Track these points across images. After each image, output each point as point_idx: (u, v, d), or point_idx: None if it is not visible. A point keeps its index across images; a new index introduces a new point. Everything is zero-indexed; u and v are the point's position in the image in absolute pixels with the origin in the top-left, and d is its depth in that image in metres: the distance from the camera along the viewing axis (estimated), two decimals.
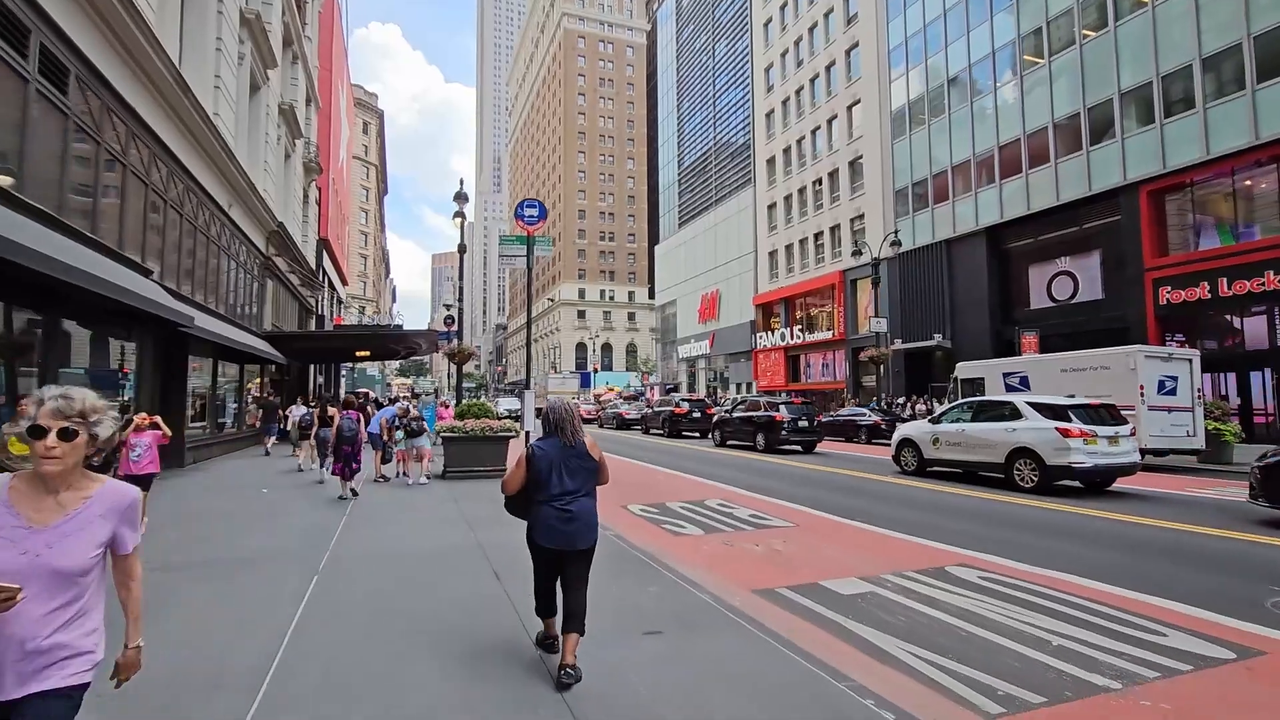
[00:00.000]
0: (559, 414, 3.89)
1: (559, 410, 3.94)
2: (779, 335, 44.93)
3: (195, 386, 14.81)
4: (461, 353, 19.71)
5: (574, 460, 3.78)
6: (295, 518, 8.35)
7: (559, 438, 3.81)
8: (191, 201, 14.23)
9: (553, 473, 3.72)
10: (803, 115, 43.87)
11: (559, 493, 3.70)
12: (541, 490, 3.72)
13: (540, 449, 3.80)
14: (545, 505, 3.69)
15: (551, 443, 3.82)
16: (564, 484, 3.71)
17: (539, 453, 3.78)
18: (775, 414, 18.44)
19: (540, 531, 3.70)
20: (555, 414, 3.90)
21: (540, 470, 3.73)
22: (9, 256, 6.21)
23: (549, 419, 3.89)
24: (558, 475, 3.72)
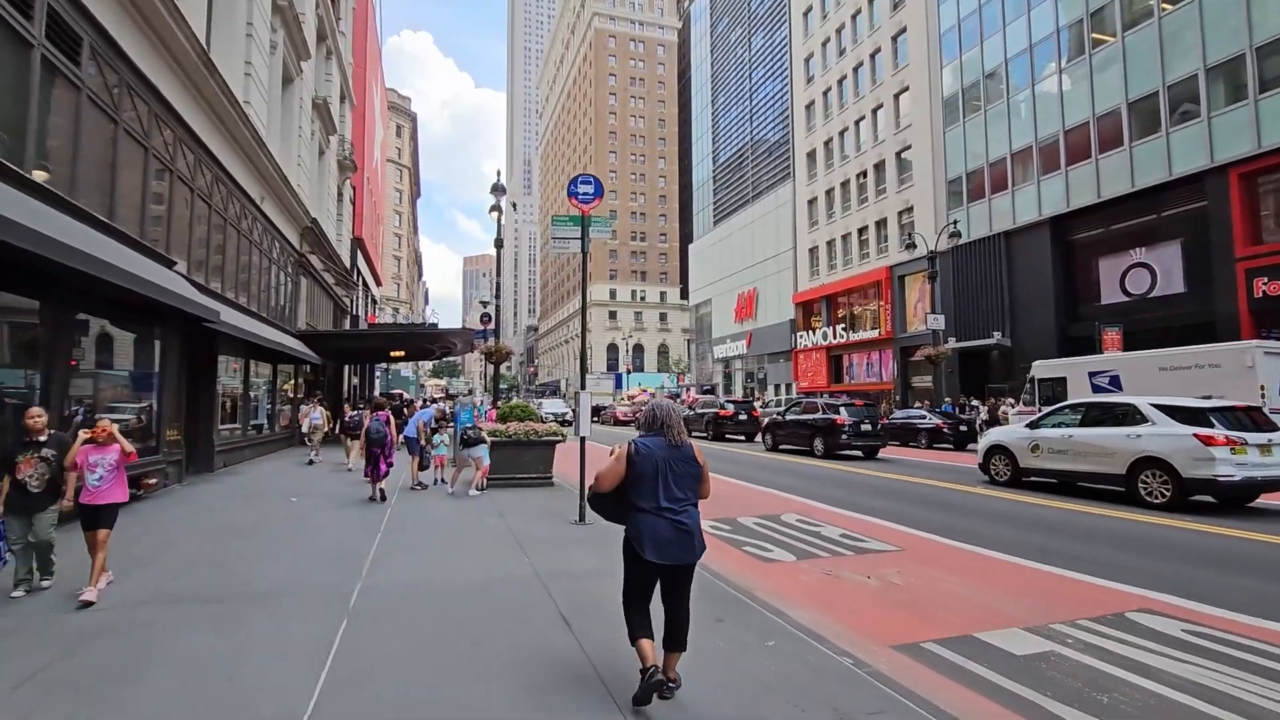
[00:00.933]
0: (664, 412, 3.56)
1: (664, 408, 3.59)
2: (820, 334, 43.28)
3: (226, 387, 14.10)
4: (499, 352, 18.79)
5: (681, 465, 3.46)
6: (323, 534, 7.38)
7: (664, 437, 3.49)
8: (221, 192, 13.51)
9: (658, 477, 3.39)
10: (845, 106, 42.21)
11: (668, 502, 3.37)
12: (645, 496, 3.39)
13: (645, 447, 3.45)
14: (653, 515, 3.35)
15: (656, 442, 3.48)
16: (672, 491, 3.40)
17: (644, 450, 3.43)
18: (835, 417, 17.08)
19: (649, 545, 3.31)
20: (660, 411, 3.57)
21: (644, 472, 3.40)
22: (6, 238, 5.34)
23: (653, 416, 3.57)
24: (664, 481, 3.39)
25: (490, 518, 8.46)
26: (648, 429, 3.58)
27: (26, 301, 6.92)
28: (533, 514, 8.75)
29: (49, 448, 5.00)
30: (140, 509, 8.77)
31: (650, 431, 3.56)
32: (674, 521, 3.34)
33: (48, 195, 6.93)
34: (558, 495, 10.53)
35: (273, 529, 7.60)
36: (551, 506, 9.38)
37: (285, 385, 19.60)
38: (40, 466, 4.93)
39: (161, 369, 10.23)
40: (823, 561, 6.60)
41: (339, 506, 9.32)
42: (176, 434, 10.93)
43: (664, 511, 3.34)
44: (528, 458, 11.49)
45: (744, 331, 54.41)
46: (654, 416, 3.56)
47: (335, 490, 10.91)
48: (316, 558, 6.26)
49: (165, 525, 7.72)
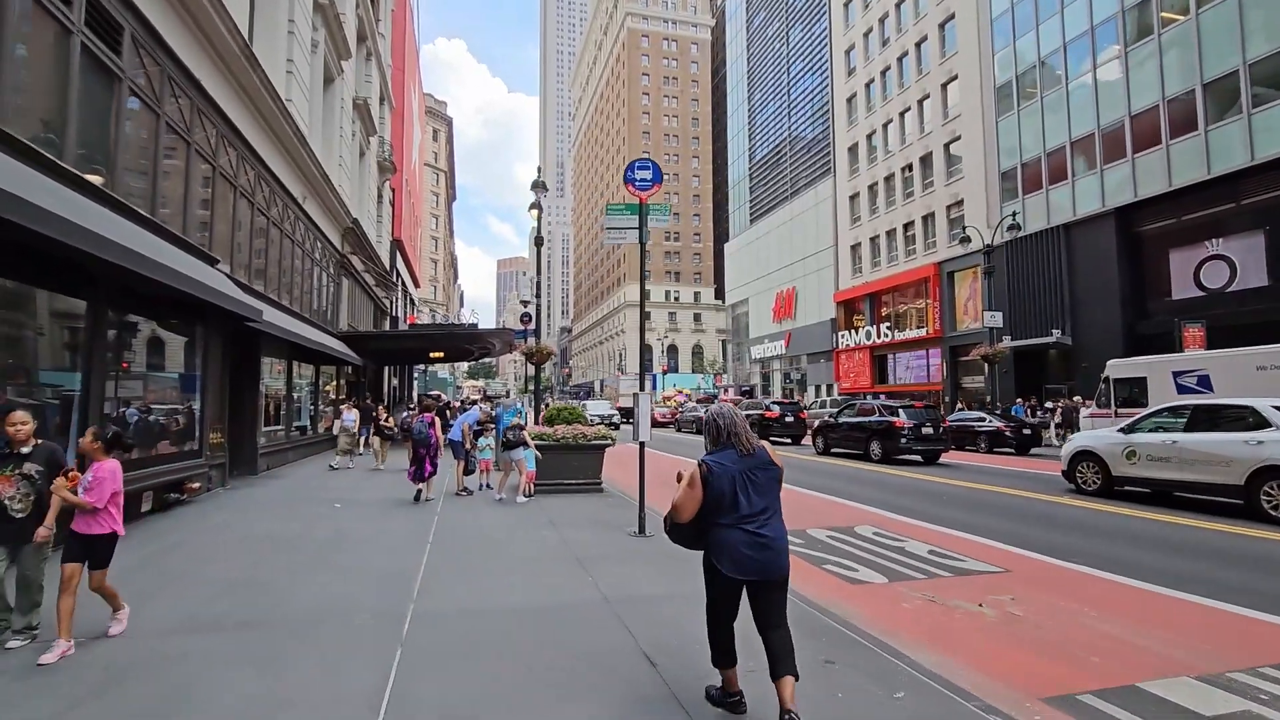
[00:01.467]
0: (728, 419, 3.31)
1: (727, 416, 3.33)
2: (864, 334, 41.97)
3: (269, 388, 13.90)
4: (540, 352, 18.35)
5: (759, 472, 3.23)
6: (369, 546, 6.91)
7: (734, 448, 3.25)
8: (264, 190, 13.31)
9: (737, 491, 3.15)
10: (889, 98, 40.88)
11: (749, 513, 3.13)
12: (725, 512, 3.15)
13: (718, 465, 3.20)
14: (733, 529, 3.13)
15: (728, 455, 3.24)
16: (753, 502, 3.15)
17: (717, 469, 3.18)
18: (894, 419, 16.15)
19: (729, 560, 3.10)
20: (724, 420, 3.32)
21: (722, 490, 3.15)
22: (41, 229, 4.98)
23: (716, 427, 3.31)
24: (744, 493, 3.15)
25: (542, 528, 7.91)
26: (714, 443, 3.31)
27: (67, 301, 6.60)
28: (586, 524, 8.18)
29: (34, 461, 4.03)
30: (183, 514, 8.47)
31: (718, 446, 3.29)
32: (752, 533, 3.10)
33: (86, 187, 6.60)
34: (609, 503, 9.95)
35: (316, 540, 7.16)
36: (605, 515, 8.80)
37: (328, 386, 19.49)
38: (23, 485, 3.96)
39: (204, 370, 9.96)
40: (920, 584, 5.86)
41: (383, 513, 8.89)
42: (220, 436, 10.68)
43: (744, 523, 3.12)
44: (576, 462, 10.95)
45: (782, 331, 53.25)
46: (718, 428, 3.29)
47: (378, 495, 10.52)
48: (363, 575, 5.77)
49: (205, 533, 7.36)
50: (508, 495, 10.15)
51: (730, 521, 3.12)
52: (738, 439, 3.25)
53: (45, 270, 6.19)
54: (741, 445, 3.24)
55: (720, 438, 3.28)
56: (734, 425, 3.28)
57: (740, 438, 3.26)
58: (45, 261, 6.09)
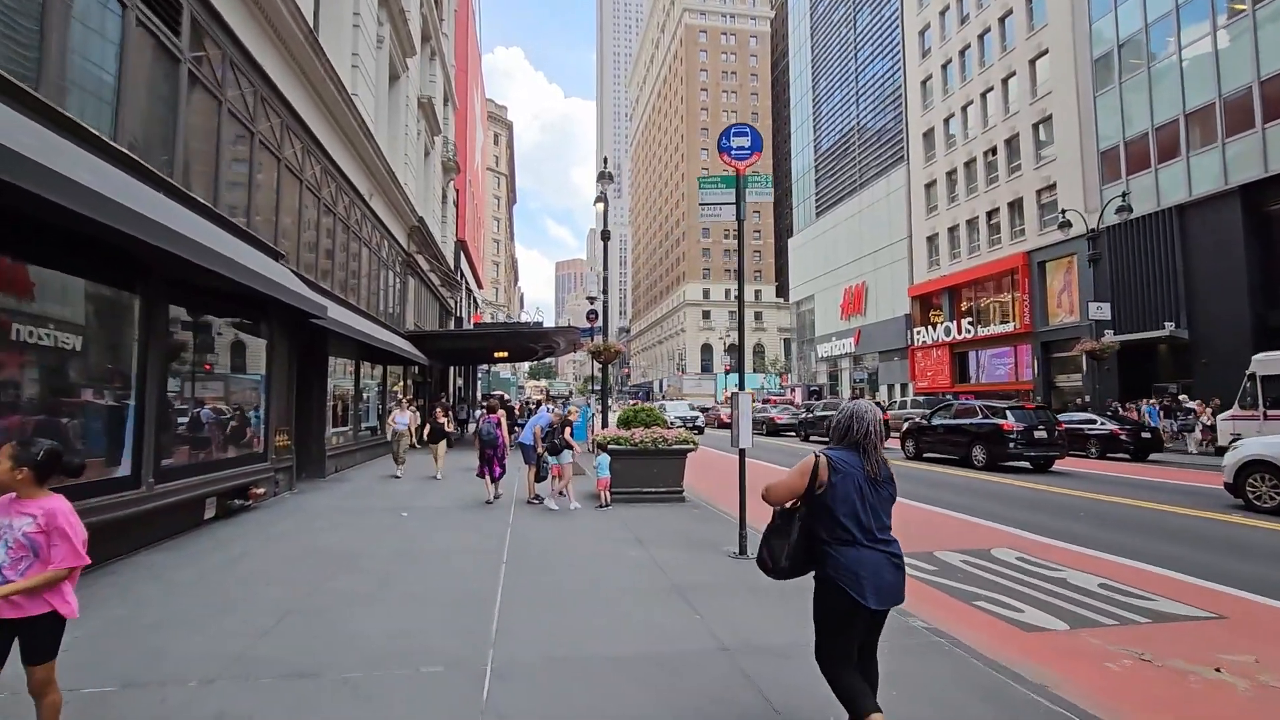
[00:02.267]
0: (864, 423, 2.76)
1: (866, 419, 2.78)
2: (942, 330, 39.52)
3: (336, 388, 13.59)
4: (608, 350, 17.56)
5: (886, 488, 2.76)
6: (438, 565, 6.16)
7: (859, 455, 2.73)
8: (330, 185, 12.99)
9: (859, 501, 2.66)
10: (968, 79, 38.36)
11: (876, 528, 2.68)
12: (839, 524, 2.66)
13: (843, 463, 2.70)
14: (869, 549, 2.65)
15: (853, 458, 2.73)
16: (879, 518, 2.71)
17: (841, 467, 2.69)
18: (1002, 422, 14.52)
19: (873, 586, 2.59)
20: (861, 422, 2.77)
21: (845, 494, 2.66)
22: (83, 209, 4.43)
23: (847, 427, 2.79)
24: (865, 506, 2.68)
25: (628, 546, 7.01)
26: (840, 439, 2.83)
27: (116, 294, 6.12)
28: (677, 542, 7.23)
29: None
30: (247, 522, 8.00)
31: (843, 444, 2.81)
32: (891, 554, 2.71)
33: (139, 169, 6.12)
34: (696, 515, 8.98)
35: (381, 556, 6.47)
36: (695, 531, 7.83)
37: (395, 386, 19.29)
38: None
39: (269, 369, 9.55)
40: (1113, 634, 4.63)
41: (451, 523, 8.19)
42: (286, 439, 10.29)
43: (877, 542, 2.69)
44: (656, 469, 10.02)
45: (851, 329, 50.99)
46: (848, 426, 2.80)
47: (444, 501, 9.88)
48: (433, 603, 4.99)
49: (265, 547, 6.79)
50: (577, 503, 9.35)
51: (860, 538, 2.67)
52: (867, 454, 2.74)
53: (93, 261, 5.70)
54: (870, 461, 2.73)
55: (847, 437, 2.79)
56: (869, 434, 2.75)
57: (871, 453, 2.75)
58: (93, 250, 5.59)
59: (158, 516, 6.47)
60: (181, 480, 6.83)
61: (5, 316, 4.86)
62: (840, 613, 2.67)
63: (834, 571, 2.66)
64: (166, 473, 6.58)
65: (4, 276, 4.87)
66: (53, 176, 4.23)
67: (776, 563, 2.90)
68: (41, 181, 4.16)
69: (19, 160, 4.02)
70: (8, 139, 3.98)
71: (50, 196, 4.20)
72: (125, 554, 6.09)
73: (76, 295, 5.63)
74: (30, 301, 5.10)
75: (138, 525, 6.18)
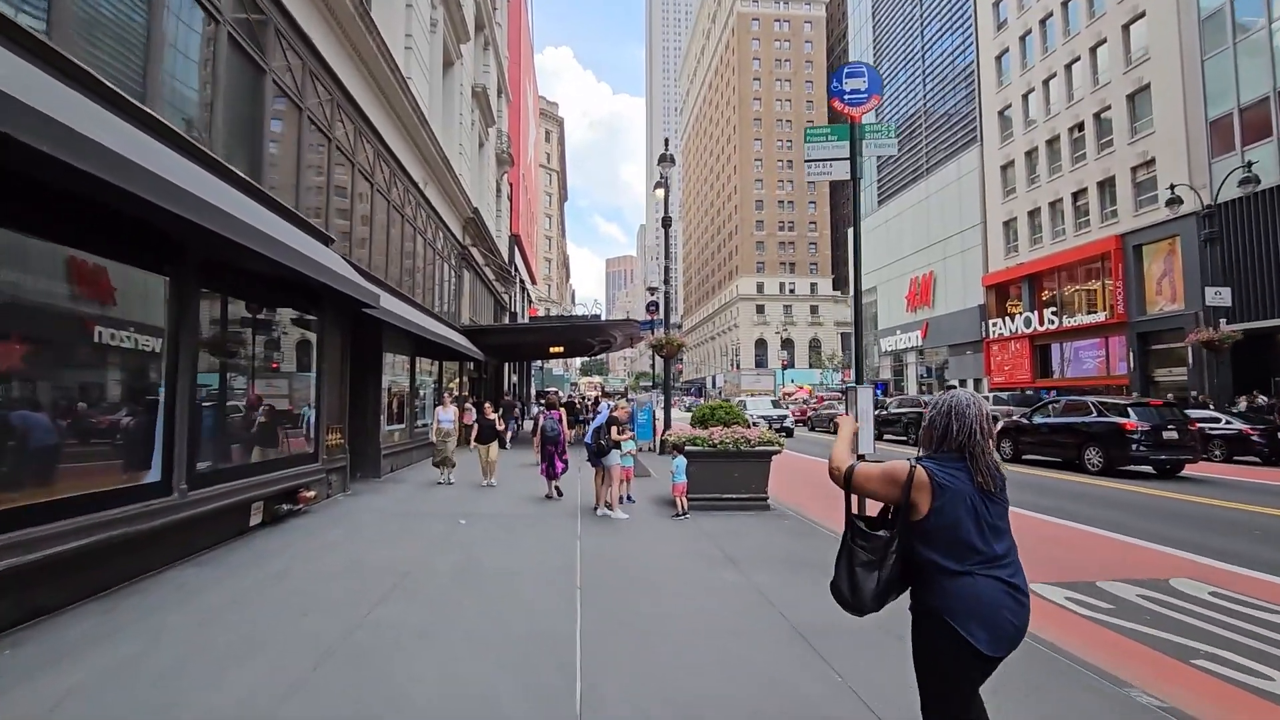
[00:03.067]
0: (969, 416, 2.14)
1: (968, 409, 2.15)
2: (1022, 320, 36.87)
3: (392, 385, 13.00)
4: (670, 344, 16.57)
5: (1001, 500, 2.12)
6: (502, 591, 5.25)
7: (966, 462, 2.11)
8: (384, 171, 12.37)
9: (971, 523, 2.06)
10: (1050, 50, 35.58)
11: (996, 555, 2.06)
12: (949, 553, 2.06)
13: (948, 477, 2.09)
14: (985, 578, 2.04)
15: (959, 468, 2.11)
16: (995, 539, 2.08)
17: (947, 482, 2.08)
18: (1122, 420, 12.78)
19: (988, 628, 2.00)
20: (963, 414, 2.14)
21: (953, 518, 2.06)
22: (98, 171, 3.68)
23: (947, 426, 2.15)
24: (979, 527, 2.07)
25: (719, 567, 5.96)
26: (937, 444, 2.17)
27: (144, 275, 5.42)
28: (777, 563, 6.13)
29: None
30: (295, 529, 7.31)
31: (942, 450, 2.15)
32: (1012, 586, 2.05)
33: (172, 137, 5.41)
34: (787, 527, 7.86)
35: (437, 576, 5.61)
36: (794, 550, 6.72)
37: (451, 383, 18.76)
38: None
39: (319, 363, 8.89)
40: None
41: (514, 533, 7.31)
42: (339, 437, 9.66)
43: (994, 569, 2.04)
44: (737, 473, 8.93)
45: (918, 321, 48.47)
46: (946, 427, 2.14)
47: (505, 506, 9.05)
48: (499, 645, 4.06)
49: (309, 561, 6.02)
50: (616, 512, 8.39)
51: (976, 567, 2.06)
52: (975, 460, 2.11)
53: (112, 235, 5.00)
54: (981, 469, 2.10)
55: (946, 444, 2.16)
56: (974, 435, 2.13)
57: (981, 459, 2.12)
58: (113, 224, 4.89)
59: (193, 526, 5.79)
60: (220, 485, 6.14)
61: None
62: (953, 661, 2.07)
63: (941, 602, 2.08)
64: (202, 478, 5.90)
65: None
66: (54, 127, 3.48)
67: (861, 602, 2.25)
68: (41, 133, 3.41)
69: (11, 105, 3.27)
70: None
71: (49, 150, 3.45)
72: (157, 568, 5.42)
73: (89, 274, 4.93)
74: (31, 277, 4.40)
75: (170, 536, 5.50)
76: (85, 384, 4.85)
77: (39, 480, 4.36)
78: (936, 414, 2.22)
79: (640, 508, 9.08)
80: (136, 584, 5.11)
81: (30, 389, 4.39)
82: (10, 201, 4.12)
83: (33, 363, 4.40)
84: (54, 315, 4.53)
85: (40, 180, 4.04)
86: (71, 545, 4.39)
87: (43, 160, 3.48)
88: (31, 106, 3.32)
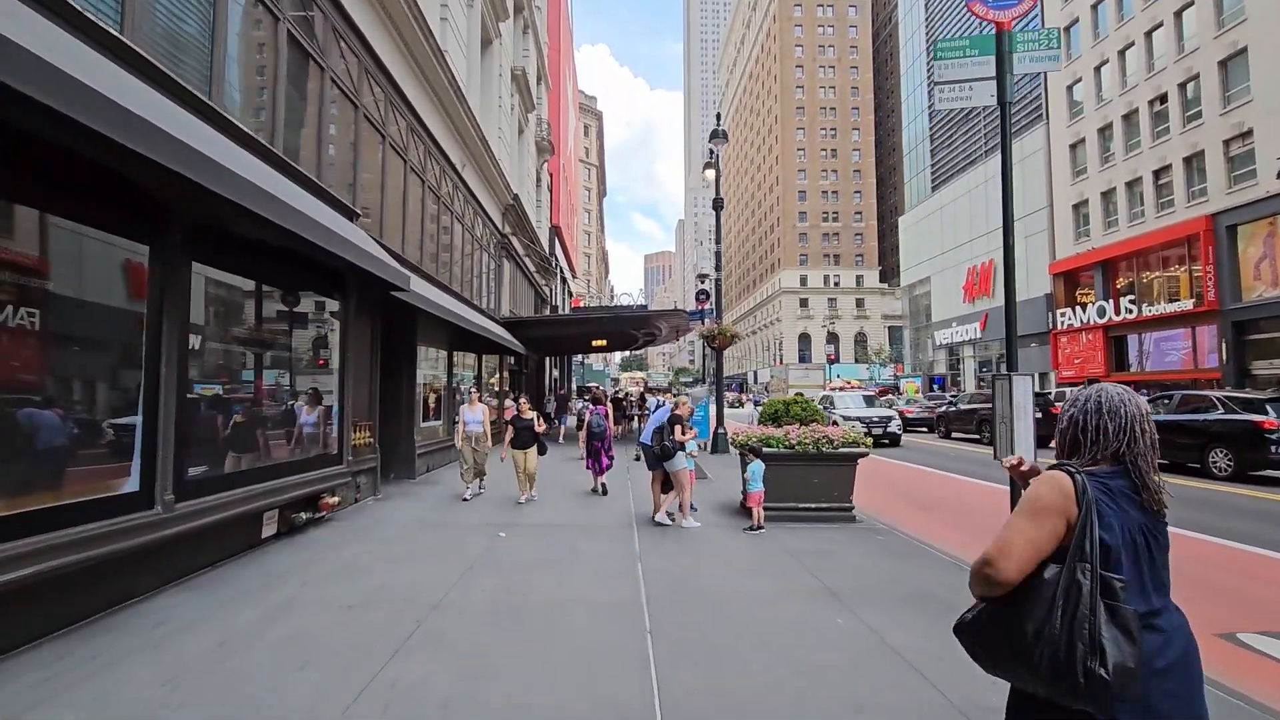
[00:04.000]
0: (1126, 415, 1.61)
1: (1121, 407, 1.62)
2: (1095, 310, 34.28)
3: (428, 378, 12.11)
4: (723, 335, 15.32)
5: (1164, 536, 1.57)
6: (549, 637, 4.14)
7: (1125, 477, 1.57)
8: (418, 148, 11.45)
9: (1131, 560, 1.52)
10: (1127, 17, 32.89)
11: (1156, 609, 1.52)
12: (1106, 594, 1.47)
13: (1108, 493, 1.55)
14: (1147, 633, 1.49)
15: (1118, 483, 1.56)
16: (1159, 580, 1.54)
17: (1103, 507, 1.53)
18: (1259, 418, 11.00)
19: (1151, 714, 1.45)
20: (1116, 412, 1.62)
21: (1114, 549, 1.51)
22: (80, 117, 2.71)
23: (1098, 427, 1.62)
24: (1143, 562, 1.53)
25: (822, 603, 4.73)
26: (1088, 452, 1.63)
27: (117, 241, 4.47)
28: (888, 595, 4.88)
29: None
30: (312, 542, 6.35)
31: (1088, 456, 1.63)
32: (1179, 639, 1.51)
33: (163, 82, 4.46)
34: (884, 545, 6.57)
35: (470, 612, 4.53)
36: (901, 575, 5.45)
37: (491, 379, 17.90)
38: None
39: (343, 352, 7.94)
40: None
41: (562, 551, 6.20)
42: (368, 435, 8.74)
43: (1159, 619, 1.51)
44: (817, 479, 7.67)
45: (976, 312, 45.89)
46: (1098, 429, 1.62)
47: (548, 514, 7.98)
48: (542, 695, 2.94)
49: (321, 588, 5.01)
50: (681, 520, 7.19)
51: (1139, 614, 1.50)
52: (1137, 474, 1.55)
53: (78, 192, 4.05)
54: (1144, 486, 1.54)
55: (1097, 451, 1.60)
56: (1137, 439, 1.57)
57: (1144, 474, 1.55)
58: (84, 178, 3.95)
59: (185, 544, 4.86)
60: (219, 494, 5.20)
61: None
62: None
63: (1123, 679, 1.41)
64: (196, 486, 4.95)
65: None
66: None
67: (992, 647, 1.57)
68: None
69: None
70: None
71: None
72: (139, 596, 4.50)
73: (46, 237, 3.99)
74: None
75: (155, 557, 4.57)
76: (42, 373, 3.92)
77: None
78: (1080, 413, 1.69)
79: (703, 517, 7.91)
80: (108, 618, 4.18)
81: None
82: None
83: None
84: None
85: None
86: (13, 575, 3.46)
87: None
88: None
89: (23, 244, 3.80)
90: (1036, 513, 1.53)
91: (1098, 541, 1.48)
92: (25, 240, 3.83)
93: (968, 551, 6.27)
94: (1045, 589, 1.48)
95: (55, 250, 3.99)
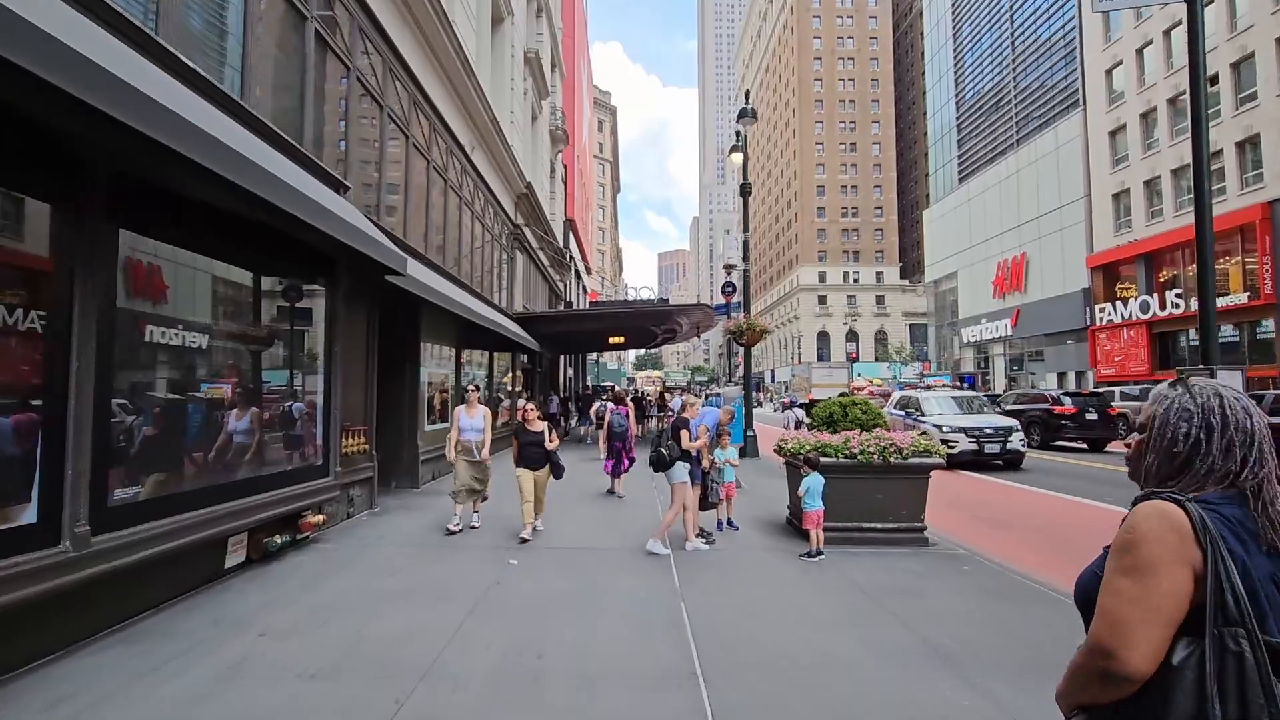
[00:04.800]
0: (1247, 425, 1.19)
1: (1234, 415, 1.19)
2: (1137, 305, 32.65)
3: (434, 377, 11.09)
4: (752, 330, 14.17)
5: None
6: (567, 705, 3.05)
7: (1247, 505, 1.16)
8: (422, 124, 10.42)
9: (1263, 602, 1.10)
10: None
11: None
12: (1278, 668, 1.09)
13: (1230, 528, 1.13)
14: None
15: (1239, 513, 1.15)
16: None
17: (1231, 545, 1.11)
18: None
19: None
20: (1228, 421, 1.19)
21: (1261, 605, 1.10)
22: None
23: (1209, 442, 1.19)
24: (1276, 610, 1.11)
25: (928, 669, 3.60)
26: (1199, 472, 1.20)
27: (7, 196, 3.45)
28: (1005, 652, 3.74)
29: None
30: (281, 577, 5.27)
31: (1200, 482, 1.20)
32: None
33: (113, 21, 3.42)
34: (970, 577, 5.40)
35: (472, 686, 3.44)
36: (1009, 620, 4.31)
37: (504, 378, 16.88)
38: None
39: (328, 347, 6.89)
40: None
41: (585, 587, 5.10)
42: (363, 442, 7.71)
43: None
44: (883, 494, 6.52)
45: (1007, 308, 44.20)
46: (1208, 444, 1.19)
47: (567, 533, 6.90)
48: None
49: (285, 638, 3.94)
50: (696, 542, 6.07)
51: None
52: (1260, 502, 1.16)
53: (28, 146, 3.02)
54: (1271, 516, 1.15)
55: (1208, 472, 1.20)
56: (1264, 458, 1.18)
57: (1272, 495, 1.17)
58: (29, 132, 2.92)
59: (112, 585, 3.83)
60: (157, 522, 4.15)
61: None
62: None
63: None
64: (122, 513, 3.92)
65: None
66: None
67: None
68: None
69: None
70: None
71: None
72: (44, 659, 3.47)
73: None
74: None
75: (67, 606, 3.54)
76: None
77: None
78: (1182, 420, 1.22)
79: (746, 536, 6.80)
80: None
81: None
82: None
83: None
84: None
85: None
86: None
87: None
88: None
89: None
90: (1145, 568, 1.11)
91: (1243, 595, 1.08)
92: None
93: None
94: (1181, 677, 1.07)
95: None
